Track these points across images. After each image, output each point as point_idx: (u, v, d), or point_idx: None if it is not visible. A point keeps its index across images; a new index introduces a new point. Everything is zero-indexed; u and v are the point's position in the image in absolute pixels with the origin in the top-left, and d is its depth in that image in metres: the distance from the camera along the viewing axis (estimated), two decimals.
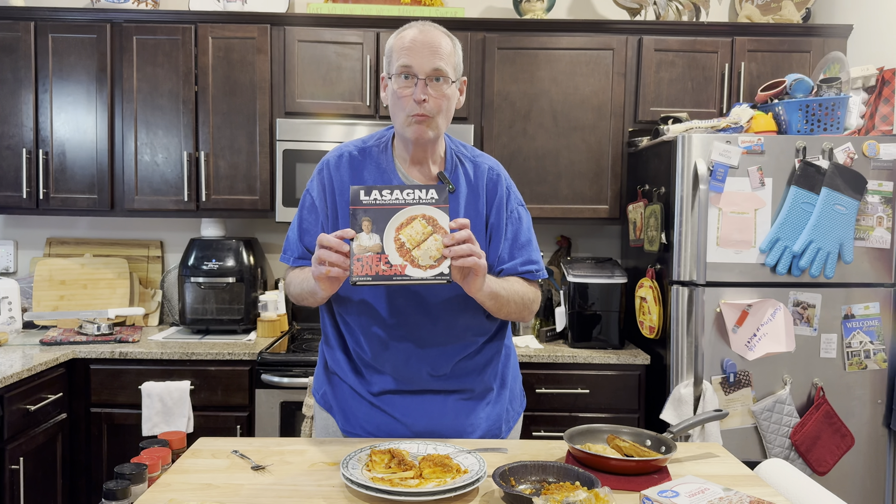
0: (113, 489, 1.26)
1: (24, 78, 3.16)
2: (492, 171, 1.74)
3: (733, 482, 1.41)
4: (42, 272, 3.38)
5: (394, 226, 1.44)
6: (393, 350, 1.67)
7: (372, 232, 1.44)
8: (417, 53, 1.57)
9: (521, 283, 1.70)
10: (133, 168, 3.20)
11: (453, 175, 1.70)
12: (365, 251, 1.43)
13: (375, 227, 1.44)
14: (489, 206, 1.71)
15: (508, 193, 1.75)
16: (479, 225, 1.69)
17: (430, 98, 1.58)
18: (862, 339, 2.72)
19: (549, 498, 1.19)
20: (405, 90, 1.59)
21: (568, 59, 3.23)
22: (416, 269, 1.42)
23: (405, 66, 1.58)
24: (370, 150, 1.72)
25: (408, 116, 1.59)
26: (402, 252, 1.43)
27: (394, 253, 1.43)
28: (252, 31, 3.17)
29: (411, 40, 1.59)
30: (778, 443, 2.69)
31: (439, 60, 1.58)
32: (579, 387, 2.91)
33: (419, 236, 1.43)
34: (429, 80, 1.58)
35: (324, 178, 1.71)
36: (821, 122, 2.77)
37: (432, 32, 1.61)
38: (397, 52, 1.60)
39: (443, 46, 1.60)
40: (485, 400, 1.75)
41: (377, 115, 3.21)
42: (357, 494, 1.31)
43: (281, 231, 3.61)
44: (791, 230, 2.67)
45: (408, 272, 1.42)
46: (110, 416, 2.91)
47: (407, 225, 1.44)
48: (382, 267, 1.42)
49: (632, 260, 3.31)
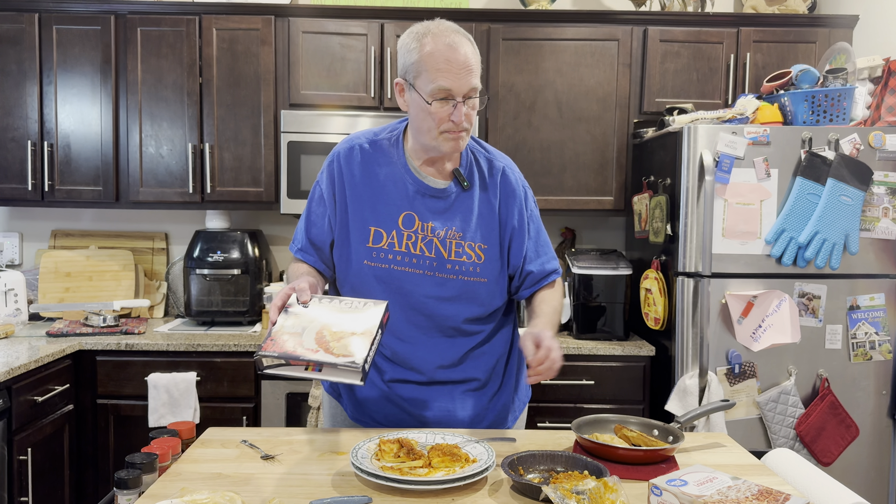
0: (125, 478, 1.26)
1: (28, 70, 3.15)
2: (507, 170, 1.72)
3: (740, 471, 1.42)
4: (48, 264, 3.38)
5: (320, 325, 1.40)
6: (400, 340, 1.67)
7: (302, 322, 1.41)
8: (455, 76, 1.53)
9: (555, 297, 1.75)
10: (138, 160, 3.20)
11: (468, 172, 1.69)
12: (283, 331, 1.39)
13: (304, 320, 1.42)
14: (505, 203, 1.70)
15: (525, 193, 1.74)
16: (493, 221, 1.68)
17: (465, 116, 1.56)
18: (867, 330, 2.72)
19: (558, 486, 1.19)
20: (442, 111, 1.55)
21: (573, 50, 3.22)
22: (328, 355, 1.33)
23: (444, 90, 1.53)
24: (381, 143, 1.70)
25: (442, 133, 1.57)
26: (320, 342, 1.37)
27: (309, 339, 1.37)
28: (256, 23, 3.16)
29: (445, 60, 1.53)
30: (783, 434, 2.69)
31: (474, 79, 1.56)
32: (584, 378, 2.92)
33: (344, 335, 1.38)
34: (465, 98, 1.55)
35: (333, 170, 1.70)
36: (827, 112, 2.77)
37: (462, 46, 1.55)
38: (430, 72, 1.53)
39: (473, 61, 1.56)
40: (492, 390, 1.76)
41: (381, 107, 3.20)
42: (367, 483, 1.32)
43: (285, 223, 3.61)
44: (797, 221, 2.66)
45: (318, 356, 1.33)
46: (117, 408, 2.92)
47: (333, 325, 1.40)
48: (290, 345, 1.35)
49: (637, 251, 3.31)
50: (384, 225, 1.65)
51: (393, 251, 1.64)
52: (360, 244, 1.65)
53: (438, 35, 1.55)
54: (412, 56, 1.56)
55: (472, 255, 1.66)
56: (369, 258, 1.65)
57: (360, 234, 1.66)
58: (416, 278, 1.64)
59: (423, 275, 1.64)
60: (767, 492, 1.18)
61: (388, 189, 1.66)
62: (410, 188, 1.65)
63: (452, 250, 1.65)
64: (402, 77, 1.61)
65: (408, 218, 1.65)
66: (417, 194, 1.65)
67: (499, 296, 1.72)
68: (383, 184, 1.66)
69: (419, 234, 1.64)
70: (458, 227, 1.65)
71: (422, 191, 1.65)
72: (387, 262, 1.64)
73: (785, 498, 1.16)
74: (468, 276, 1.65)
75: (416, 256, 1.64)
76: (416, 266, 1.64)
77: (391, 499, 1.26)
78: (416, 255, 1.64)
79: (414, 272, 1.64)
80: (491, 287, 1.69)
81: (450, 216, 1.66)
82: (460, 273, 1.64)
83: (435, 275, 1.64)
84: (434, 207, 1.65)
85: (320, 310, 1.46)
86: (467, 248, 1.65)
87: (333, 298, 1.50)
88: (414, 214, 1.65)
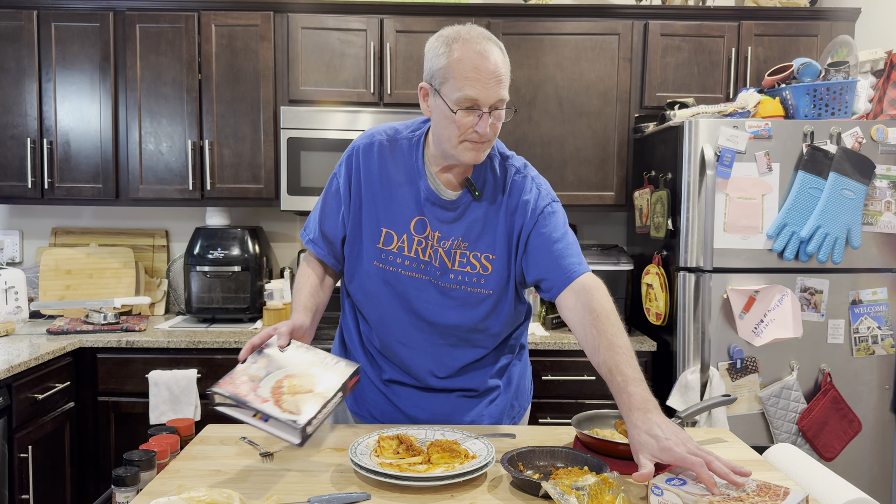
0: (122, 475, 1.26)
1: (27, 67, 3.15)
2: (518, 175, 1.66)
3: (742, 466, 1.41)
4: (48, 262, 3.38)
5: (284, 374, 1.39)
6: (402, 344, 1.67)
7: (268, 367, 1.41)
8: (483, 85, 1.47)
9: (615, 322, 1.50)
10: (137, 157, 3.19)
11: (481, 179, 1.64)
12: (245, 372, 1.39)
13: (271, 365, 1.41)
14: (514, 209, 1.64)
15: (538, 193, 1.66)
16: (501, 231, 1.63)
17: (491, 126, 1.51)
18: (870, 324, 2.71)
19: (558, 482, 1.19)
20: (466, 120, 1.49)
21: (573, 45, 3.21)
22: (276, 407, 1.29)
23: (471, 100, 1.48)
24: (400, 142, 1.65)
25: (464, 142, 1.52)
26: (275, 392, 1.35)
27: (266, 387, 1.35)
28: (255, 19, 3.15)
29: (474, 68, 1.47)
30: (785, 429, 2.68)
31: (503, 90, 1.50)
32: (585, 374, 2.91)
33: (301, 390, 1.36)
34: (491, 109, 1.50)
35: (352, 164, 1.66)
36: (829, 106, 2.75)
37: (492, 54, 1.49)
38: (458, 79, 1.47)
39: (503, 71, 1.50)
40: (488, 397, 1.74)
41: (381, 103, 3.20)
42: (365, 480, 1.31)
43: (286, 219, 3.61)
44: (798, 215, 2.65)
45: (265, 407, 1.29)
46: (117, 405, 2.92)
47: (296, 377, 1.38)
48: (243, 389, 1.34)
49: (638, 247, 3.30)
50: (396, 227, 1.62)
51: (402, 255, 1.62)
52: (371, 243, 1.64)
53: (469, 41, 1.48)
54: (440, 61, 1.50)
55: (477, 265, 1.62)
56: (378, 259, 1.63)
57: (371, 233, 1.63)
58: (421, 284, 1.62)
59: (428, 281, 1.62)
60: (767, 486, 1.17)
61: (402, 191, 1.62)
62: (422, 194, 1.61)
63: (457, 260, 1.61)
64: (427, 81, 1.55)
65: (420, 223, 1.61)
66: (427, 202, 1.61)
67: (505, 308, 1.66)
68: (398, 185, 1.63)
69: (429, 240, 1.61)
70: (465, 237, 1.61)
71: (431, 199, 1.61)
72: (395, 266, 1.62)
73: (785, 492, 1.15)
74: (471, 287, 1.62)
75: (423, 262, 1.61)
76: (423, 272, 1.61)
77: (390, 495, 1.26)
78: (425, 261, 1.61)
79: (420, 278, 1.62)
80: (496, 299, 1.64)
81: (457, 226, 1.61)
82: (463, 283, 1.61)
83: (439, 283, 1.61)
84: (442, 217, 1.61)
85: (292, 357, 1.45)
86: (472, 259, 1.62)
87: (311, 349, 1.48)
88: (426, 220, 1.61)
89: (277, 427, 1.29)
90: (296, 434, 1.26)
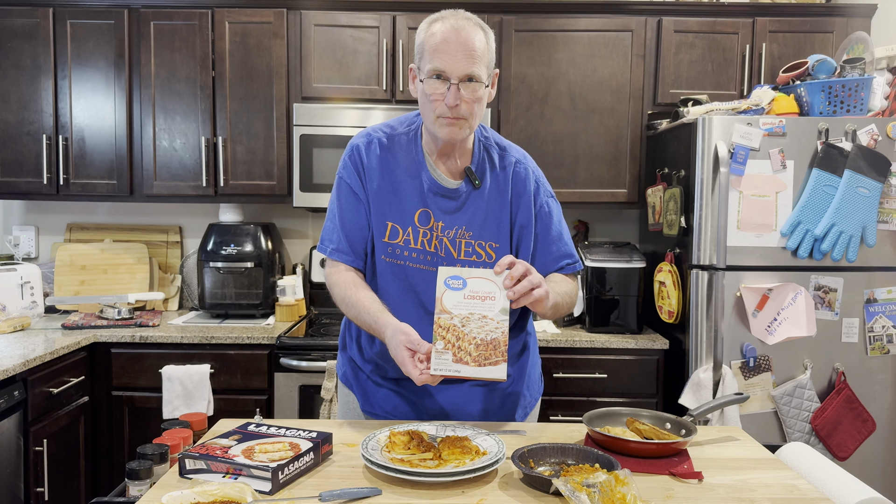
0: (136, 469, 1.27)
1: (43, 64, 3.17)
2: (519, 165, 1.70)
3: (754, 465, 1.41)
4: (63, 257, 3.41)
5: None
6: None
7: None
8: (451, 56, 1.50)
9: (565, 281, 1.70)
10: (151, 153, 3.22)
11: (479, 167, 1.67)
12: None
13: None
14: (516, 199, 1.68)
15: (537, 187, 1.71)
16: (504, 219, 1.66)
17: (463, 101, 1.52)
18: (884, 323, 2.69)
19: (569, 479, 1.18)
20: (436, 92, 1.53)
21: (586, 41, 3.20)
22: (248, 459, 1.28)
23: (437, 70, 1.51)
24: (399, 137, 1.69)
25: (438, 118, 1.55)
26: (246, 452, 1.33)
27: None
28: (268, 16, 3.17)
29: (443, 40, 1.51)
30: (798, 427, 2.67)
31: (472, 65, 1.51)
32: (597, 371, 2.91)
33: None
34: (462, 82, 1.52)
35: (356, 161, 1.68)
36: (844, 103, 2.73)
37: (466, 29, 1.52)
38: (429, 52, 1.53)
39: (477, 47, 1.52)
40: (500, 385, 1.74)
41: (393, 100, 3.20)
42: (377, 475, 1.32)
43: (298, 216, 3.62)
44: (813, 213, 2.63)
45: (237, 460, 1.28)
46: (131, 400, 2.94)
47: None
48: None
49: (650, 244, 3.29)
50: (400, 221, 1.64)
51: (409, 248, 1.63)
52: (378, 238, 1.65)
53: (447, 19, 1.55)
54: (419, 38, 1.58)
55: (482, 254, 1.64)
56: (386, 254, 1.64)
57: (378, 228, 1.65)
58: (429, 276, 1.62)
59: (435, 273, 1.62)
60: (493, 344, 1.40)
61: (405, 184, 1.65)
62: (425, 185, 1.64)
63: (462, 249, 1.63)
64: (414, 63, 1.62)
65: (423, 215, 1.64)
66: (430, 192, 1.64)
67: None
68: (400, 179, 1.65)
69: (434, 231, 1.63)
70: (469, 226, 1.64)
71: (434, 189, 1.64)
72: (402, 259, 1.63)
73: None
74: None
75: (430, 254, 1.63)
76: (430, 263, 1.63)
77: (401, 491, 1.26)
78: (431, 252, 1.63)
79: (428, 269, 1.63)
80: None
81: (460, 215, 1.64)
82: None
83: None
84: (445, 207, 1.64)
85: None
86: (477, 248, 1.64)
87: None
88: (430, 211, 1.64)
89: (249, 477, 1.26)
90: (266, 482, 1.23)
